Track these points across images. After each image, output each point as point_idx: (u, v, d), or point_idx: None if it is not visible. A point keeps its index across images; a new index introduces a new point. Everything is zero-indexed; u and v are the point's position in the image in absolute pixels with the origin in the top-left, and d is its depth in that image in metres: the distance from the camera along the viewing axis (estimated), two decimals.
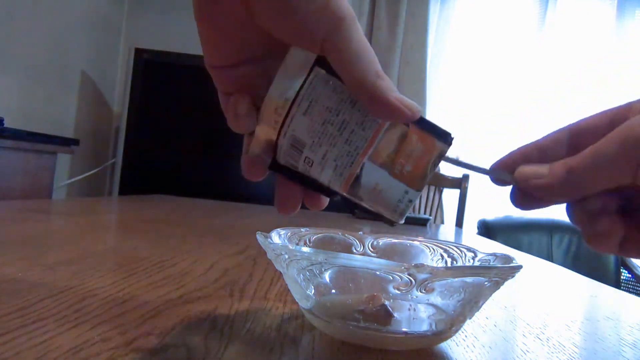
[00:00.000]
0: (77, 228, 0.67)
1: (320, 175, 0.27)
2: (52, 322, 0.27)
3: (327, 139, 0.26)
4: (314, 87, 0.26)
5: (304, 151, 0.26)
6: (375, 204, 0.27)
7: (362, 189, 0.26)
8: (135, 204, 1.20)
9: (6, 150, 1.46)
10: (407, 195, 0.26)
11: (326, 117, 0.26)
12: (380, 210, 0.27)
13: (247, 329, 0.29)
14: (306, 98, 0.26)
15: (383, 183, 0.26)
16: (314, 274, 0.29)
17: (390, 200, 0.26)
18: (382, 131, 0.26)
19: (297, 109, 0.26)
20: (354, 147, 0.26)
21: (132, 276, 0.40)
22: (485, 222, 2.31)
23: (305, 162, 0.27)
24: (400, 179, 0.26)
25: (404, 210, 0.27)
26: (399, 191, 0.26)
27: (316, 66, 0.26)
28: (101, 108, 2.54)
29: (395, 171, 0.26)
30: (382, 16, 2.51)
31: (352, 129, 0.26)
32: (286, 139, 0.26)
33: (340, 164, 0.26)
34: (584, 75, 2.52)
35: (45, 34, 2.02)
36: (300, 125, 0.26)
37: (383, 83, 0.25)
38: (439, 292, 0.28)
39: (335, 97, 0.26)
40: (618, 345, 0.35)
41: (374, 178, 0.26)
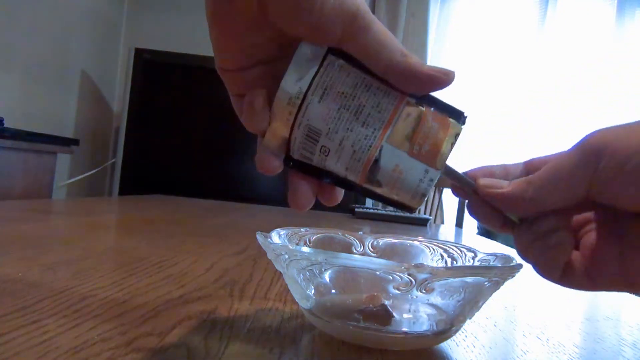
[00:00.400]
0: (77, 228, 0.67)
1: (337, 164, 0.27)
2: (52, 322, 0.27)
3: (343, 124, 0.26)
4: (327, 74, 0.26)
5: (320, 140, 0.26)
6: (395, 188, 0.27)
7: (382, 172, 0.26)
8: (135, 204, 1.20)
9: (6, 150, 1.46)
10: (428, 174, 0.26)
11: (342, 103, 0.26)
12: (401, 194, 0.27)
13: (247, 329, 0.29)
14: (320, 85, 0.26)
15: (403, 164, 0.26)
16: (314, 274, 0.29)
17: (412, 181, 0.26)
18: (398, 113, 0.26)
19: (312, 97, 0.26)
20: (372, 130, 0.26)
21: (132, 276, 0.40)
22: None
23: (322, 152, 0.27)
24: (420, 159, 0.26)
25: (425, 190, 0.27)
26: (419, 171, 0.26)
27: (329, 54, 0.26)
28: (101, 108, 2.54)
29: (414, 151, 0.26)
30: (382, 16, 2.51)
31: (368, 112, 0.26)
32: (301, 130, 0.26)
33: (359, 148, 0.26)
34: (584, 75, 2.52)
35: (45, 34, 2.02)
36: (316, 114, 0.26)
37: (412, 59, 0.25)
38: (439, 292, 0.28)
39: (350, 82, 0.26)
40: (618, 345, 0.35)
41: (394, 160, 0.26)
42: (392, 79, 0.26)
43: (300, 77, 0.26)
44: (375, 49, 0.25)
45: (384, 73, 0.26)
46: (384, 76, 0.26)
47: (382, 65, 0.25)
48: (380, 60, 0.25)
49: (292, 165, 0.28)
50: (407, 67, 0.25)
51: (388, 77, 0.26)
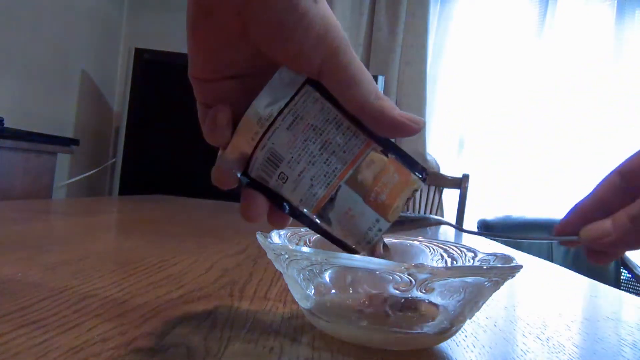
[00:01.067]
0: (77, 228, 0.67)
1: (292, 194, 0.27)
2: (52, 322, 0.27)
3: (306, 157, 0.26)
4: (301, 104, 0.26)
5: (280, 166, 0.26)
6: (343, 229, 0.27)
7: (334, 212, 0.26)
8: (135, 204, 1.19)
9: (6, 150, 1.46)
10: (378, 224, 0.26)
11: (309, 135, 0.26)
12: (348, 237, 0.27)
13: (247, 329, 0.29)
14: (292, 113, 0.26)
15: (356, 208, 0.26)
16: (314, 274, 0.29)
17: (361, 226, 0.26)
18: (362, 157, 0.26)
19: (282, 123, 0.26)
20: (333, 169, 0.26)
21: (132, 276, 0.40)
22: (485, 222, 2.31)
23: (280, 178, 0.27)
24: (374, 207, 0.26)
25: (372, 239, 0.27)
26: (370, 219, 0.26)
27: (307, 84, 0.26)
28: (101, 108, 2.54)
29: (370, 198, 0.26)
30: (382, 16, 2.50)
31: (333, 150, 0.26)
32: (263, 152, 0.26)
33: (316, 183, 0.26)
34: (584, 76, 2.51)
35: (45, 34, 2.02)
36: (282, 140, 0.26)
37: (385, 103, 0.26)
38: (439, 292, 0.28)
39: (322, 116, 0.26)
40: (618, 345, 0.35)
41: (348, 202, 0.26)
42: (363, 119, 0.26)
43: (274, 100, 0.26)
44: (351, 87, 0.25)
45: (357, 112, 0.26)
46: (356, 115, 0.26)
47: (356, 105, 0.25)
48: (355, 99, 0.25)
49: (248, 183, 0.28)
50: (379, 110, 0.25)
51: (360, 116, 0.26)
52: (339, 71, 0.25)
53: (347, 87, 0.25)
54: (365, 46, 2.54)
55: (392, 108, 0.25)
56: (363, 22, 2.51)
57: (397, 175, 0.26)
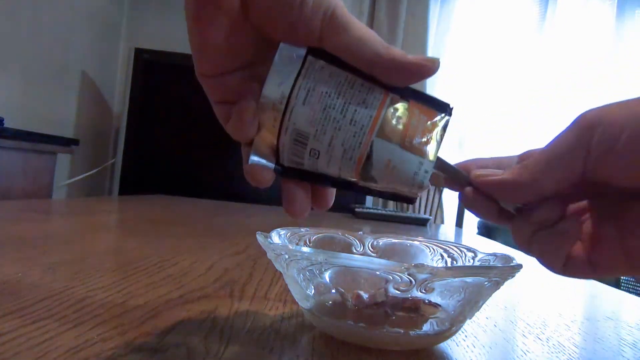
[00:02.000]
0: (77, 228, 0.67)
1: (329, 166, 0.26)
2: (52, 322, 0.27)
3: (331, 124, 0.25)
4: (309, 76, 0.26)
5: (309, 143, 0.26)
6: (391, 182, 0.26)
7: (375, 168, 0.26)
8: (135, 204, 1.20)
9: (6, 150, 1.46)
10: (423, 165, 0.26)
11: (327, 102, 0.25)
12: (397, 187, 0.26)
13: (247, 329, 0.29)
14: (303, 87, 0.25)
15: (396, 158, 0.26)
16: (314, 274, 0.29)
17: (407, 174, 0.26)
18: (385, 107, 0.26)
19: (296, 100, 0.25)
20: (360, 127, 0.25)
21: (132, 276, 0.40)
22: (485, 222, 2.31)
23: (312, 155, 0.26)
24: (413, 151, 0.26)
25: (422, 182, 0.26)
26: (413, 163, 0.26)
27: (309, 55, 0.26)
28: (101, 108, 2.54)
29: (405, 144, 0.26)
30: (382, 16, 2.51)
31: (354, 109, 0.25)
32: (288, 135, 0.26)
33: (349, 146, 0.26)
34: (584, 75, 2.52)
35: (45, 34, 2.02)
36: (301, 116, 0.25)
37: (395, 51, 0.25)
38: (439, 292, 0.28)
39: (333, 82, 0.26)
40: (618, 345, 0.35)
41: (386, 154, 0.26)
42: (378, 72, 0.26)
43: (282, 81, 0.25)
44: (358, 45, 0.25)
45: (369, 67, 0.25)
46: (369, 71, 0.26)
47: (367, 60, 0.25)
48: (364, 56, 0.25)
49: (283, 173, 0.27)
50: (392, 59, 0.25)
51: (373, 71, 0.26)
52: (340, 33, 0.25)
53: (353, 46, 0.25)
54: None
55: (404, 54, 0.25)
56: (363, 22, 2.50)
57: (423, 116, 0.26)
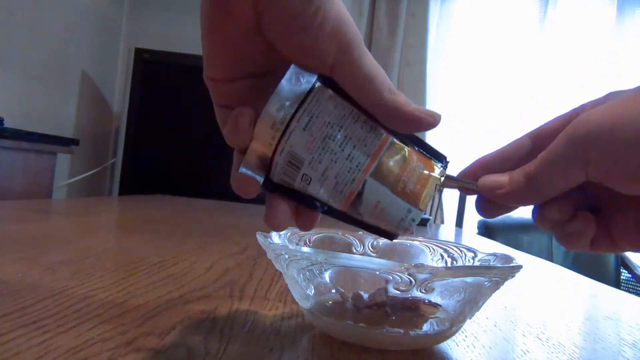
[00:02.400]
0: (77, 228, 0.67)
1: (318, 193, 0.26)
2: (52, 322, 0.27)
3: (327, 155, 0.25)
4: (316, 102, 0.25)
5: (302, 168, 0.26)
6: (376, 221, 0.26)
7: (364, 206, 0.26)
8: (135, 204, 1.20)
9: (6, 150, 1.46)
10: (410, 214, 0.26)
11: (327, 133, 0.25)
12: (382, 225, 0.27)
13: (247, 329, 0.29)
14: (307, 113, 0.25)
15: (385, 201, 0.26)
16: (314, 274, 0.29)
17: (393, 218, 0.26)
18: (384, 148, 0.26)
19: (297, 124, 0.25)
20: (356, 164, 0.25)
21: (132, 276, 0.40)
22: (485, 222, 2.31)
23: (303, 180, 0.26)
24: (403, 197, 0.26)
25: (407, 228, 0.26)
26: (402, 209, 0.26)
27: (318, 82, 0.25)
28: (101, 108, 2.54)
29: (398, 189, 0.26)
30: (382, 16, 2.51)
31: (354, 144, 0.25)
32: (283, 156, 0.26)
33: (342, 180, 0.25)
34: (584, 74, 2.52)
35: (45, 34, 2.02)
36: (300, 141, 0.25)
37: (399, 98, 0.25)
38: (439, 292, 0.28)
39: (337, 113, 0.25)
40: (618, 345, 0.35)
41: (376, 196, 0.26)
42: (378, 115, 0.26)
43: (287, 102, 0.25)
44: (365, 83, 0.25)
45: (371, 108, 0.25)
46: (370, 111, 0.26)
47: (370, 100, 0.25)
48: (368, 95, 0.25)
49: (272, 189, 0.27)
50: (393, 106, 0.25)
51: (374, 112, 0.26)
52: (351, 66, 0.25)
53: (361, 83, 0.25)
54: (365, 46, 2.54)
55: (407, 103, 0.25)
56: (363, 22, 2.51)
57: (421, 163, 0.26)
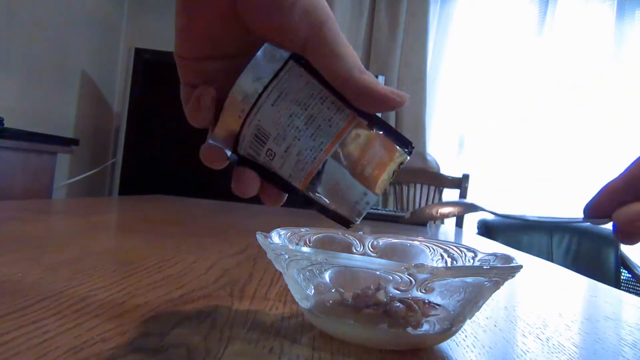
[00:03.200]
0: (77, 228, 0.67)
1: (280, 169, 0.27)
2: (52, 322, 0.27)
3: (292, 132, 0.26)
4: (286, 79, 0.26)
5: (267, 143, 0.26)
6: (333, 202, 0.27)
7: (322, 185, 0.27)
8: (135, 204, 1.20)
9: (6, 150, 1.46)
10: (366, 197, 0.26)
11: (294, 110, 0.26)
12: (338, 208, 0.27)
13: (247, 329, 0.29)
14: (277, 89, 0.26)
15: (343, 182, 0.26)
16: (314, 274, 0.29)
17: (349, 200, 0.27)
18: (348, 131, 0.26)
19: (267, 99, 0.26)
20: (319, 143, 0.26)
21: (132, 276, 0.40)
22: (485, 222, 2.31)
23: (267, 155, 0.27)
24: (361, 180, 0.26)
25: (360, 212, 0.27)
26: (358, 192, 0.26)
27: (291, 60, 0.26)
28: (101, 108, 2.54)
29: (356, 171, 0.26)
30: (382, 16, 2.51)
31: (318, 124, 0.26)
32: (250, 129, 0.26)
33: (303, 158, 0.26)
34: (584, 75, 2.52)
35: (45, 34, 2.02)
36: (267, 116, 0.26)
37: (369, 77, 0.25)
38: (439, 292, 0.28)
39: (306, 92, 0.26)
40: (618, 345, 0.35)
41: (335, 176, 0.26)
42: (347, 93, 0.26)
43: (259, 77, 0.26)
44: (335, 62, 0.25)
45: (340, 87, 0.26)
46: (339, 89, 0.26)
47: (339, 79, 0.25)
48: (338, 74, 0.25)
49: (238, 161, 0.28)
50: (362, 84, 0.25)
51: (344, 91, 0.26)
52: (323, 45, 0.25)
53: (331, 61, 0.25)
54: (365, 46, 2.54)
55: (376, 83, 0.26)
56: (363, 22, 2.51)
57: (382, 148, 0.26)
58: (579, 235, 2.28)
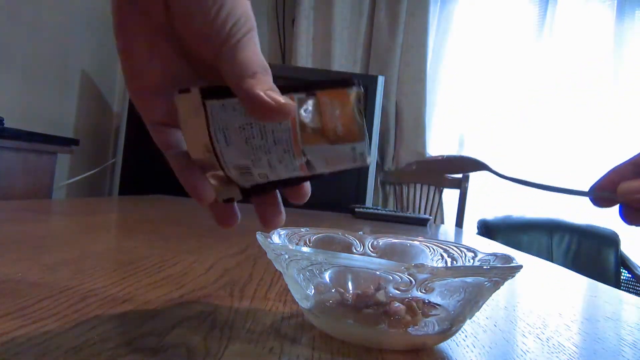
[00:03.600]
0: (77, 228, 0.67)
1: (280, 176, 0.28)
2: (52, 322, 0.27)
3: (260, 151, 0.26)
4: (217, 119, 0.26)
5: (252, 170, 0.27)
6: (337, 168, 0.27)
7: (318, 167, 0.27)
8: (135, 204, 1.20)
9: (6, 150, 1.46)
10: (356, 150, 0.26)
11: (245, 135, 0.26)
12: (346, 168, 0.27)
13: (247, 329, 0.29)
14: (218, 131, 0.26)
15: (330, 154, 0.26)
16: (314, 274, 0.29)
17: (346, 161, 0.27)
18: (297, 115, 0.26)
19: (220, 144, 0.26)
20: (285, 142, 0.26)
21: (132, 276, 0.40)
22: (485, 222, 2.31)
23: (261, 177, 0.27)
24: (341, 142, 0.26)
25: (363, 163, 0.27)
26: (347, 152, 0.26)
27: (206, 100, 0.26)
28: (101, 108, 2.54)
29: (331, 138, 0.26)
30: (382, 16, 2.50)
31: (271, 129, 0.26)
32: (232, 171, 0.27)
33: (286, 162, 0.26)
34: (584, 75, 2.52)
35: (45, 34, 2.02)
36: (232, 155, 0.26)
37: (255, 85, 0.24)
38: (439, 292, 0.28)
39: (239, 114, 0.26)
40: (618, 345, 0.35)
41: (321, 155, 0.26)
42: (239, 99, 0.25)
43: (197, 134, 0.26)
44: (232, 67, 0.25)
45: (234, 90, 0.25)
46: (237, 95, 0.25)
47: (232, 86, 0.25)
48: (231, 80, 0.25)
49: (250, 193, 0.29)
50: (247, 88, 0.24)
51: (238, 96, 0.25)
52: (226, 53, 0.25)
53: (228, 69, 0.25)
54: (365, 46, 2.54)
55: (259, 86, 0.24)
56: (363, 22, 2.51)
57: (335, 101, 0.26)
58: (579, 235, 2.28)
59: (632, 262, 2.24)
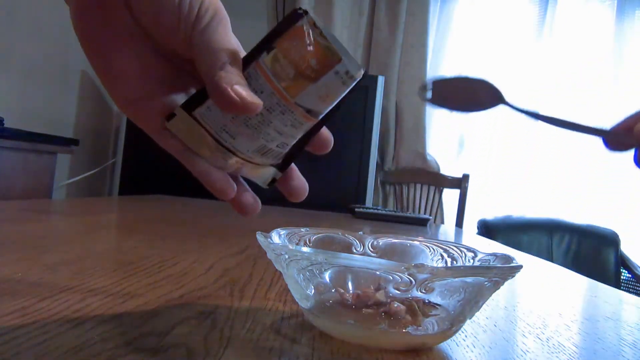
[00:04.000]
0: (77, 228, 0.67)
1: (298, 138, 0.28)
2: (52, 322, 0.27)
3: (264, 127, 0.27)
4: (210, 122, 0.27)
5: (270, 146, 0.28)
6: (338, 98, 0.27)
7: (321, 110, 0.27)
8: (135, 204, 1.20)
9: (6, 150, 1.46)
10: (339, 73, 0.25)
11: (241, 120, 0.26)
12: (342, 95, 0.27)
13: (247, 329, 0.29)
14: (219, 132, 0.27)
15: (321, 91, 0.26)
16: (314, 274, 0.29)
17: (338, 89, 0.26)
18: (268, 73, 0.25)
19: (228, 143, 0.27)
20: (278, 105, 0.26)
21: (132, 276, 0.40)
22: (485, 222, 2.31)
23: (281, 147, 0.28)
24: (320, 75, 0.25)
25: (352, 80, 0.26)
26: (333, 80, 0.26)
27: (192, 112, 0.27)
28: (101, 108, 2.54)
29: (312, 76, 0.25)
30: (382, 16, 2.51)
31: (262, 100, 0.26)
32: (255, 155, 0.28)
33: (291, 122, 0.27)
34: (584, 75, 2.52)
35: (45, 34, 2.02)
36: (245, 145, 0.27)
37: (222, 73, 0.24)
38: (439, 292, 0.28)
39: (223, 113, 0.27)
40: (618, 345, 0.35)
41: (314, 97, 0.26)
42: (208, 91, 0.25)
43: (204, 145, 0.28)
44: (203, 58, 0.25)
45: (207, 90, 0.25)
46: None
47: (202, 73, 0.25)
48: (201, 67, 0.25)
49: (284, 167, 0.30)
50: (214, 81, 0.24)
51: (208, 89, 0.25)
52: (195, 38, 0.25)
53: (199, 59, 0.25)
54: (365, 46, 2.54)
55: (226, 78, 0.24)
56: (363, 22, 2.51)
57: (294, 41, 0.25)
58: (579, 235, 2.28)
59: (632, 262, 2.24)
